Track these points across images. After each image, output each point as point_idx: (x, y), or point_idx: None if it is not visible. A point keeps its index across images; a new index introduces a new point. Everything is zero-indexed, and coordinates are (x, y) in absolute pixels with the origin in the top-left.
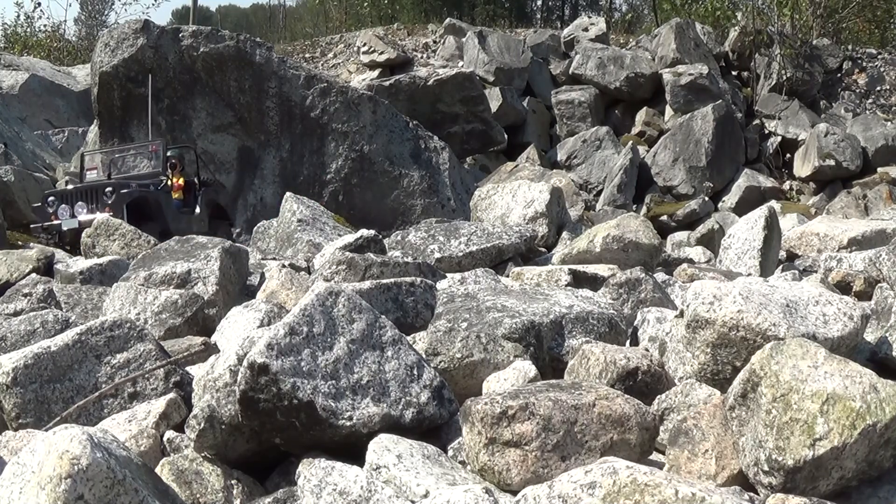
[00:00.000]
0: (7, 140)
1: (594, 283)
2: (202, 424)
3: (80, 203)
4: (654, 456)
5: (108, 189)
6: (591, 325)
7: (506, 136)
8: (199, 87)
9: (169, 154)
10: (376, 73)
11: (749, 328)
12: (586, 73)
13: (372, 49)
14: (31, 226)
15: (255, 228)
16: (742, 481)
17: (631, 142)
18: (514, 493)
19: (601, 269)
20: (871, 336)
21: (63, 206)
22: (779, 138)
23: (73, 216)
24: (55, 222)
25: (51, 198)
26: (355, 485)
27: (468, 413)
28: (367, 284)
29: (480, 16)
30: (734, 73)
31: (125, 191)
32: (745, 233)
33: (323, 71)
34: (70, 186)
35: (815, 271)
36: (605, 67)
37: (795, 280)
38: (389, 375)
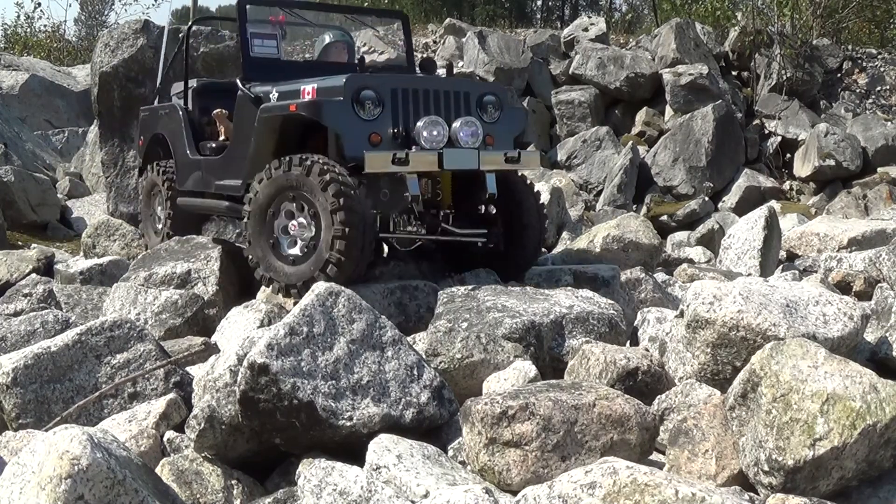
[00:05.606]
0: (7, 140)
1: (594, 283)
2: (202, 425)
3: (430, 118)
4: (654, 456)
5: (490, 96)
6: (592, 325)
7: None
8: None
9: None
10: None
11: (749, 328)
12: (586, 73)
13: (372, 49)
14: (307, 159)
15: None
16: (742, 481)
17: (631, 142)
18: (514, 493)
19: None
20: (871, 336)
21: (431, 120)
22: (779, 138)
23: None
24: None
25: (367, 91)
26: (355, 485)
27: (468, 413)
28: None
29: (480, 16)
30: (734, 73)
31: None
32: (745, 233)
33: None
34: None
35: (815, 271)
36: (605, 67)
37: (795, 280)
38: (389, 375)
